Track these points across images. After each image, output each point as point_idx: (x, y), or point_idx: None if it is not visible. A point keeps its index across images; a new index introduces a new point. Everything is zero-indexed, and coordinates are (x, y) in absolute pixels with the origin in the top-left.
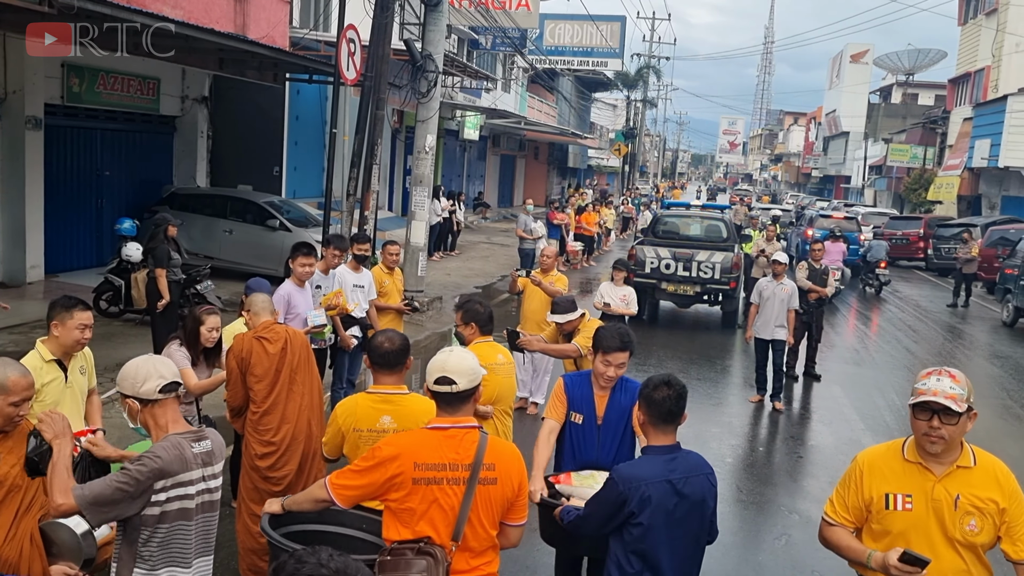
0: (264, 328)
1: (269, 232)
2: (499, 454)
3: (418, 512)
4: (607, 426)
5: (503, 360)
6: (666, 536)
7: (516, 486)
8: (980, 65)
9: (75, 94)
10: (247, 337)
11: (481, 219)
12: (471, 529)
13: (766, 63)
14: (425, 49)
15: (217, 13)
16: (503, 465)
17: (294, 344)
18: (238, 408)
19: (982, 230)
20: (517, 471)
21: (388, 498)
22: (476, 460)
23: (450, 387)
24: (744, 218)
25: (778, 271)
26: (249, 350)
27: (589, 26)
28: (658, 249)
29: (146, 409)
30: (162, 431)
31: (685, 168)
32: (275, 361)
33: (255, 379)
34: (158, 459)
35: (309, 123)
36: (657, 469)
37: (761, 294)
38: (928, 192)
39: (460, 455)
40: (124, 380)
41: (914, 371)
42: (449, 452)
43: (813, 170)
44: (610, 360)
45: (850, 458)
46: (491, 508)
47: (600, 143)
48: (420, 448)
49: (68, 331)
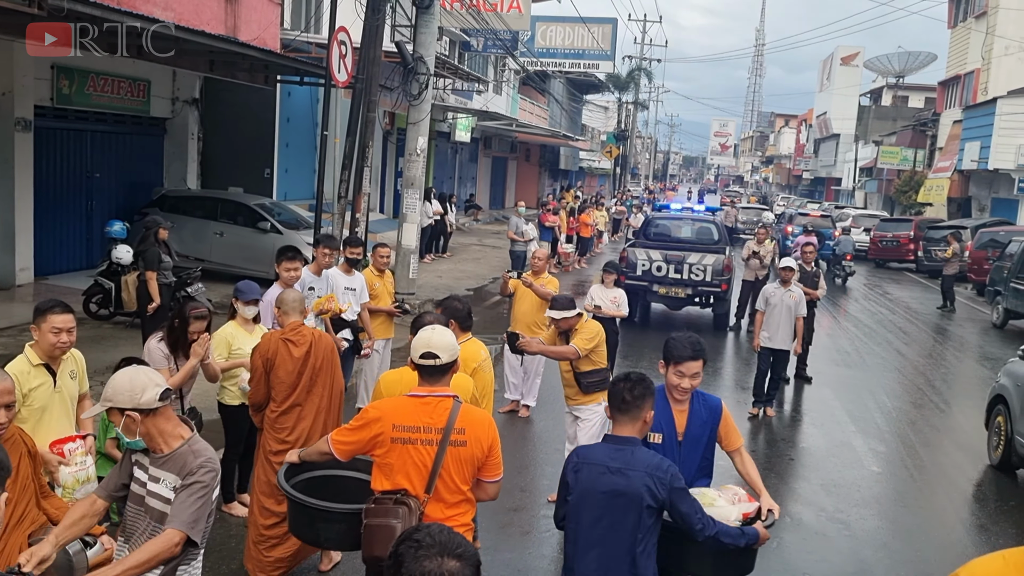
0: (291, 330)
1: (260, 234)
2: (470, 420)
3: (395, 467)
4: (689, 442)
5: (485, 355)
6: (588, 521)
7: (486, 448)
8: (970, 68)
9: (65, 96)
10: (274, 337)
11: (472, 221)
12: (443, 483)
13: (757, 65)
14: (416, 51)
15: (208, 15)
16: (472, 429)
17: (318, 347)
18: (259, 404)
19: (972, 232)
20: (486, 435)
21: (374, 453)
22: (448, 424)
23: (434, 361)
24: (734, 221)
25: (786, 277)
26: (275, 351)
27: (580, 28)
28: (649, 251)
29: (147, 419)
30: (169, 437)
31: (676, 170)
32: (298, 364)
33: (277, 379)
34: (211, 462)
35: (300, 125)
36: (601, 453)
37: (768, 301)
38: (918, 194)
39: (434, 419)
40: (120, 394)
41: (905, 373)
42: (424, 416)
43: (804, 172)
44: (683, 371)
45: (841, 460)
46: (462, 466)
47: (592, 145)
48: (399, 412)
49: (43, 335)
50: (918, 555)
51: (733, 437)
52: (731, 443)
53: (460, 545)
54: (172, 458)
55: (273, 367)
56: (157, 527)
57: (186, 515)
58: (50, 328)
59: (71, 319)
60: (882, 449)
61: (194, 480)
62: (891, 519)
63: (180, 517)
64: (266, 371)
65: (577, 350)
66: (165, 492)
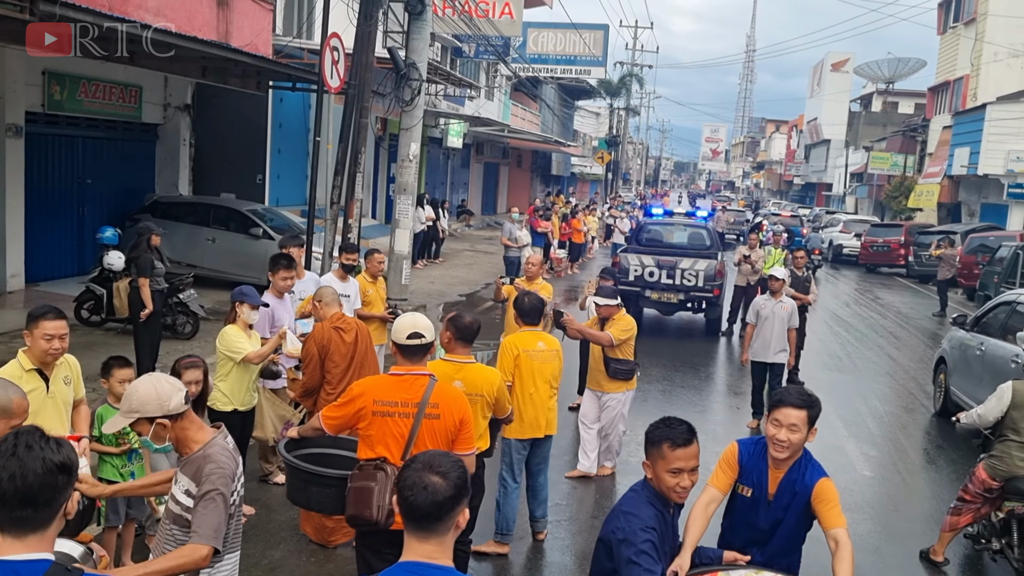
0: (338, 319)
1: (252, 240)
2: (443, 396)
3: (376, 437)
4: (777, 505)
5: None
6: None
7: (457, 421)
8: (959, 74)
9: (56, 102)
10: (326, 327)
11: (464, 227)
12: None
13: (748, 71)
14: (409, 57)
15: (200, 21)
16: (445, 404)
17: (362, 334)
18: (312, 389)
19: (962, 237)
20: (459, 409)
21: (358, 427)
22: (423, 399)
23: (420, 340)
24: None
25: (775, 288)
26: (329, 338)
27: (572, 34)
28: (642, 257)
29: (176, 424)
30: (191, 441)
31: (668, 176)
32: (350, 348)
33: (333, 364)
34: (221, 467)
35: (292, 131)
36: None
37: (759, 313)
38: (908, 199)
39: (410, 395)
40: (147, 404)
41: (896, 378)
42: (401, 393)
43: (795, 178)
44: (779, 419)
45: (833, 465)
46: (436, 437)
47: (583, 151)
48: (379, 389)
49: (35, 341)
50: (910, 559)
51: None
52: (828, 521)
53: (443, 465)
54: (189, 462)
55: (328, 353)
56: (172, 528)
57: (209, 528)
58: (42, 334)
59: (64, 325)
60: (874, 454)
61: (208, 489)
62: (883, 523)
63: (203, 530)
64: (321, 357)
65: (612, 338)
66: (179, 495)
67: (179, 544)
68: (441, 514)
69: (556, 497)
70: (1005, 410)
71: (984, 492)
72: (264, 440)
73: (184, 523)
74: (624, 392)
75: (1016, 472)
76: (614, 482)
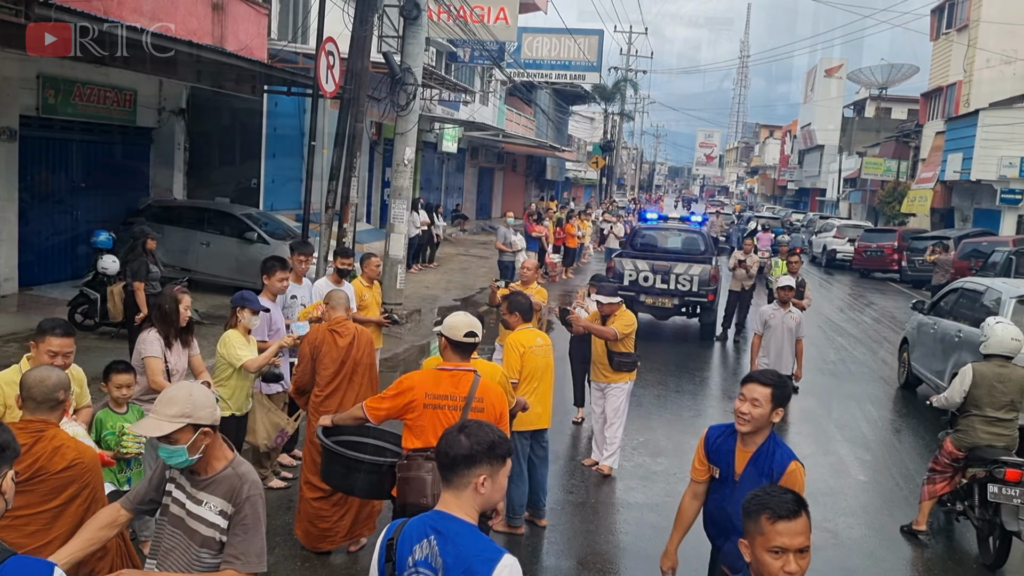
0: (337, 323)
1: (247, 244)
2: (487, 391)
3: (427, 427)
4: (745, 484)
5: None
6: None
7: (498, 414)
8: (952, 80)
9: (50, 105)
10: (322, 328)
11: (459, 231)
12: None
13: (742, 76)
14: (404, 62)
15: (195, 25)
16: (489, 399)
17: (360, 341)
18: (303, 387)
19: (955, 242)
20: (499, 403)
21: (406, 418)
22: (470, 394)
23: (474, 339)
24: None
25: (784, 297)
26: (322, 339)
27: (567, 39)
28: (636, 262)
29: (212, 434)
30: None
31: (662, 180)
32: (342, 352)
33: (323, 366)
34: (260, 489)
35: (287, 135)
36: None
37: (766, 323)
38: (902, 205)
39: (458, 389)
40: (202, 409)
41: (890, 382)
42: (450, 387)
43: (789, 183)
44: (744, 394)
45: (827, 469)
46: None
47: (578, 156)
48: (430, 382)
49: (39, 354)
50: (905, 564)
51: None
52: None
53: (472, 429)
54: (216, 481)
55: (320, 354)
56: (200, 552)
57: (253, 554)
58: (47, 350)
59: (70, 343)
60: (868, 458)
61: (248, 512)
62: (877, 528)
63: (247, 557)
64: (312, 357)
65: (616, 332)
66: (210, 516)
67: (207, 569)
68: (455, 466)
69: (554, 500)
70: (967, 390)
71: (952, 462)
72: (256, 446)
73: (215, 545)
74: (627, 382)
75: (978, 443)
76: (613, 485)
